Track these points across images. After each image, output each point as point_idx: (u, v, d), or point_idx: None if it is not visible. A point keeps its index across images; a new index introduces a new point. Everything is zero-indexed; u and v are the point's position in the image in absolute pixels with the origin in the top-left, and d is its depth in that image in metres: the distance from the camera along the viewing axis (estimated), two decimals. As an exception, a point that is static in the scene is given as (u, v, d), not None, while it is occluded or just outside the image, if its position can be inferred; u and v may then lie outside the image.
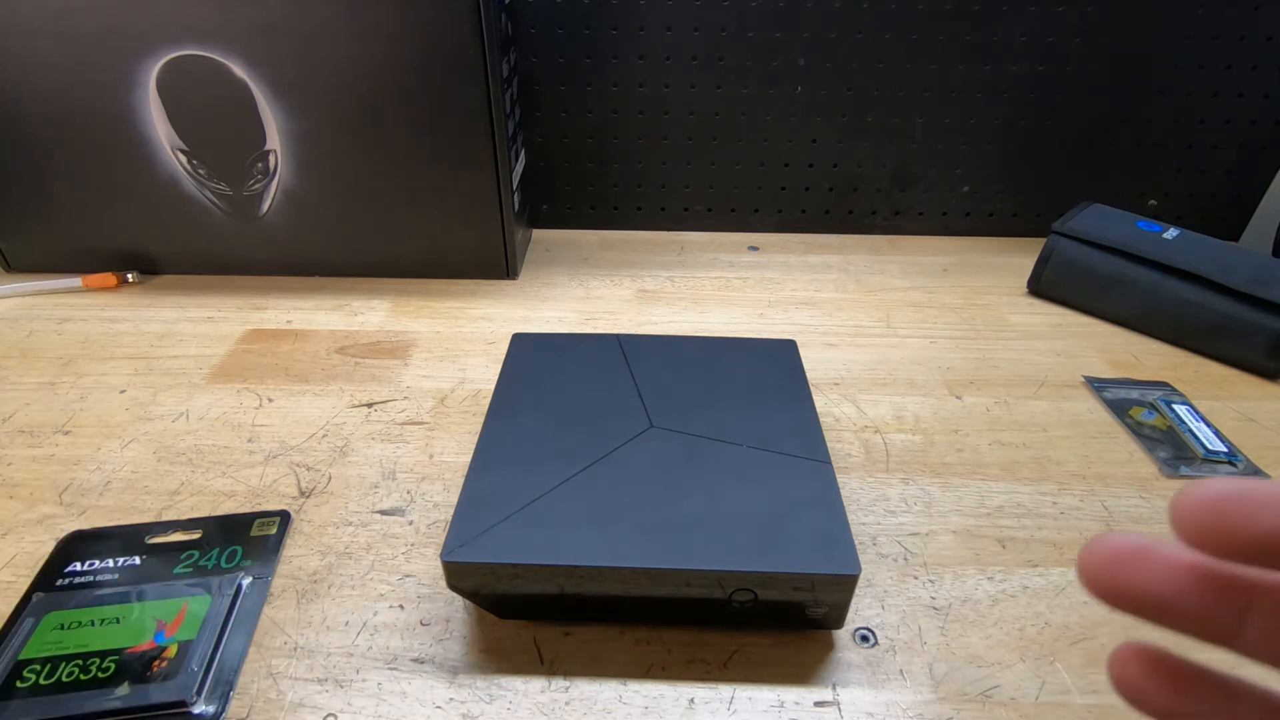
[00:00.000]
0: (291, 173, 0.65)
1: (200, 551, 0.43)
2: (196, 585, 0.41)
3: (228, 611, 0.39)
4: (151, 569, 0.42)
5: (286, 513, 0.46)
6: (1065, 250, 0.69)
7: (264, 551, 0.43)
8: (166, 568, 0.42)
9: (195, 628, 0.38)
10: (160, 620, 0.39)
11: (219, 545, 0.43)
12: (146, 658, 0.37)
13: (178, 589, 0.40)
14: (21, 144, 0.64)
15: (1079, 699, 0.36)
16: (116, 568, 0.42)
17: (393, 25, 0.58)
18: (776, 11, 0.71)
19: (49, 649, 0.37)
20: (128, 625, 0.38)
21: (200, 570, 0.42)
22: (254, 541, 0.44)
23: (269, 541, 0.44)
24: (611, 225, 0.84)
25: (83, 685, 0.36)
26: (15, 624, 0.38)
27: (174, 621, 0.39)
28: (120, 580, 0.41)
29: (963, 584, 0.42)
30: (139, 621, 0.38)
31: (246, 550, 0.43)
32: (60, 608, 0.39)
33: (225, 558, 0.43)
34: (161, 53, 0.60)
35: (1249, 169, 0.79)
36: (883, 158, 0.79)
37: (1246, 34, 0.71)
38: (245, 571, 0.42)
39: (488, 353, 0.62)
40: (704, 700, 0.36)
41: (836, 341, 0.64)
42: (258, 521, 0.45)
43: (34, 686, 0.35)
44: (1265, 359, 0.60)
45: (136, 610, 0.39)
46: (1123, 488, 0.49)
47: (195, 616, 0.39)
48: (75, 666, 0.36)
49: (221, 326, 0.64)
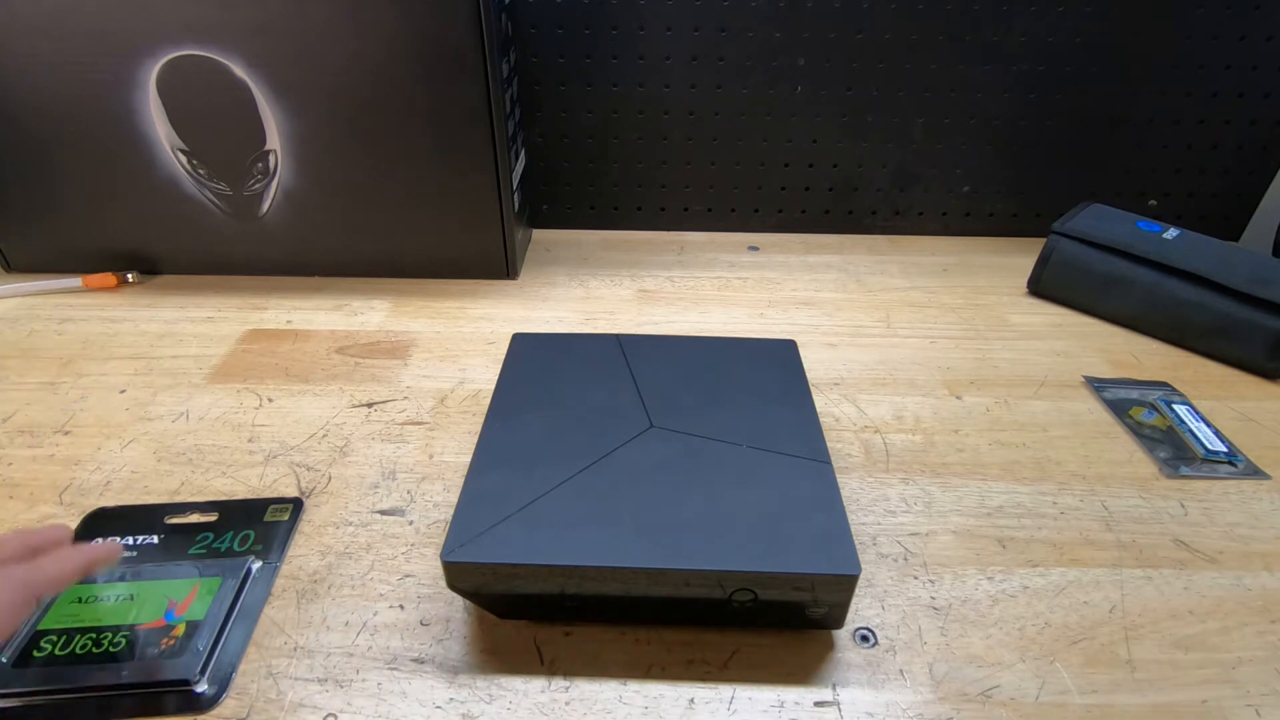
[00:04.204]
0: (291, 173, 0.65)
1: (215, 534, 0.44)
2: (211, 567, 0.41)
3: (235, 595, 0.40)
4: (168, 548, 0.43)
5: (300, 500, 0.46)
6: (1065, 250, 0.69)
7: (275, 537, 0.44)
8: (182, 548, 0.43)
9: (204, 609, 0.39)
10: (172, 599, 0.39)
11: (233, 529, 0.44)
12: (156, 635, 0.37)
13: (190, 569, 0.41)
14: (21, 144, 0.64)
15: (1079, 699, 0.36)
16: (135, 545, 0.43)
17: (393, 25, 0.58)
18: (776, 11, 0.71)
19: (66, 621, 0.38)
20: (141, 602, 0.39)
21: (214, 552, 0.42)
22: (267, 527, 0.44)
23: (280, 528, 0.44)
24: (611, 225, 0.84)
25: (95, 658, 0.36)
26: None
27: (185, 601, 0.39)
28: (138, 558, 0.42)
29: (963, 584, 0.42)
30: (152, 599, 0.39)
31: (259, 535, 0.44)
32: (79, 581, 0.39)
33: (238, 541, 0.43)
34: (161, 53, 0.59)
35: (1249, 169, 0.79)
36: (883, 158, 0.79)
37: (1246, 34, 0.71)
38: (256, 556, 0.42)
39: (488, 353, 0.61)
40: (704, 700, 0.36)
41: (836, 341, 0.64)
42: (271, 508, 0.46)
43: (49, 657, 0.36)
44: (1265, 359, 0.60)
45: (150, 588, 0.40)
46: (1123, 488, 0.49)
47: (205, 598, 0.39)
48: (89, 639, 0.37)
49: (221, 326, 0.64)
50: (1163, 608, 0.41)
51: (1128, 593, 0.42)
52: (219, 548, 0.43)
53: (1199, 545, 0.45)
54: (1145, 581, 0.43)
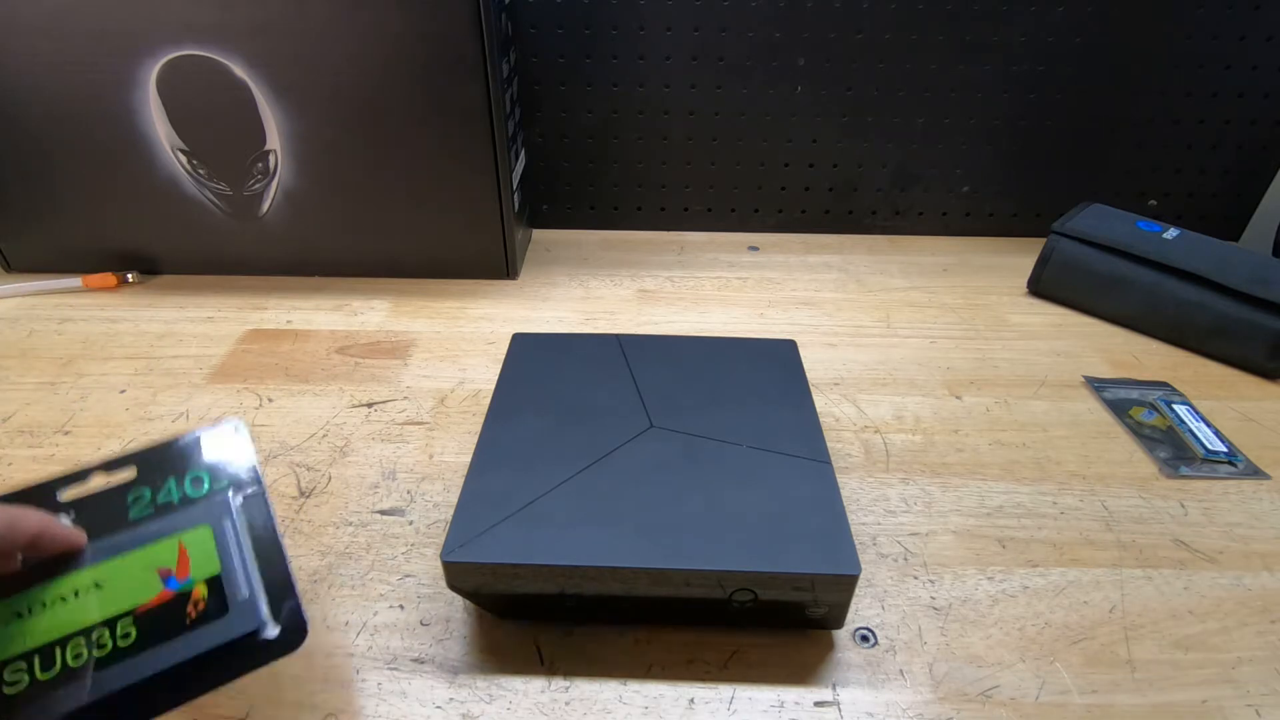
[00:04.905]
0: (291, 173, 0.65)
1: (152, 488, 0.36)
2: (177, 521, 0.35)
3: (237, 532, 0.35)
4: (99, 522, 0.34)
5: (237, 419, 0.39)
6: (1065, 250, 0.69)
7: (232, 465, 0.37)
8: (119, 516, 0.35)
9: (213, 559, 0.34)
10: (162, 568, 0.33)
11: (171, 474, 0.36)
12: (173, 608, 0.32)
13: (153, 531, 0.34)
14: (21, 144, 0.64)
15: (1079, 699, 0.36)
16: None
17: (393, 25, 0.58)
18: (776, 11, 0.71)
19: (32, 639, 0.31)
20: (115, 586, 0.33)
21: (165, 507, 0.35)
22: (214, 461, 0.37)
23: (230, 452, 0.37)
24: (611, 225, 0.84)
25: (108, 661, 0.31)
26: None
27: (179, 563, 0.33)
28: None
29: (963, 584, 0.42)
30: (126, 578, 0.33)
31: (214, 473, 0.37)
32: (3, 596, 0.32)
33: (190, 484, 0.36)
34: (161, 53, 0.60)
35: (1249, 169, 0.79)
36: (883, 158, 0.79)
37: (1246, 34, 0.71)
38: (223, 491, 0.36)
39: (488, 353, 0.61)
40: (704, 700, 0.36)
41: (836, 341, 0.64)
42: (204, 439, 0.38)
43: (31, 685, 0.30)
44: (1265, 359, 0.60)
45: (115, 568, 0.33)
46: (1123, 488, 0.49)
47: (203, 549, 0.34)
48: (81, 645, 0.31)
49: (221, 326, 0.64)
50: (1163, 608, 0.41)
51: (1128, 593, 0.42)
52: (170, 500, 0.35)
53: (1199, 545, 0.45)
54: (1145, 581, 0.43)
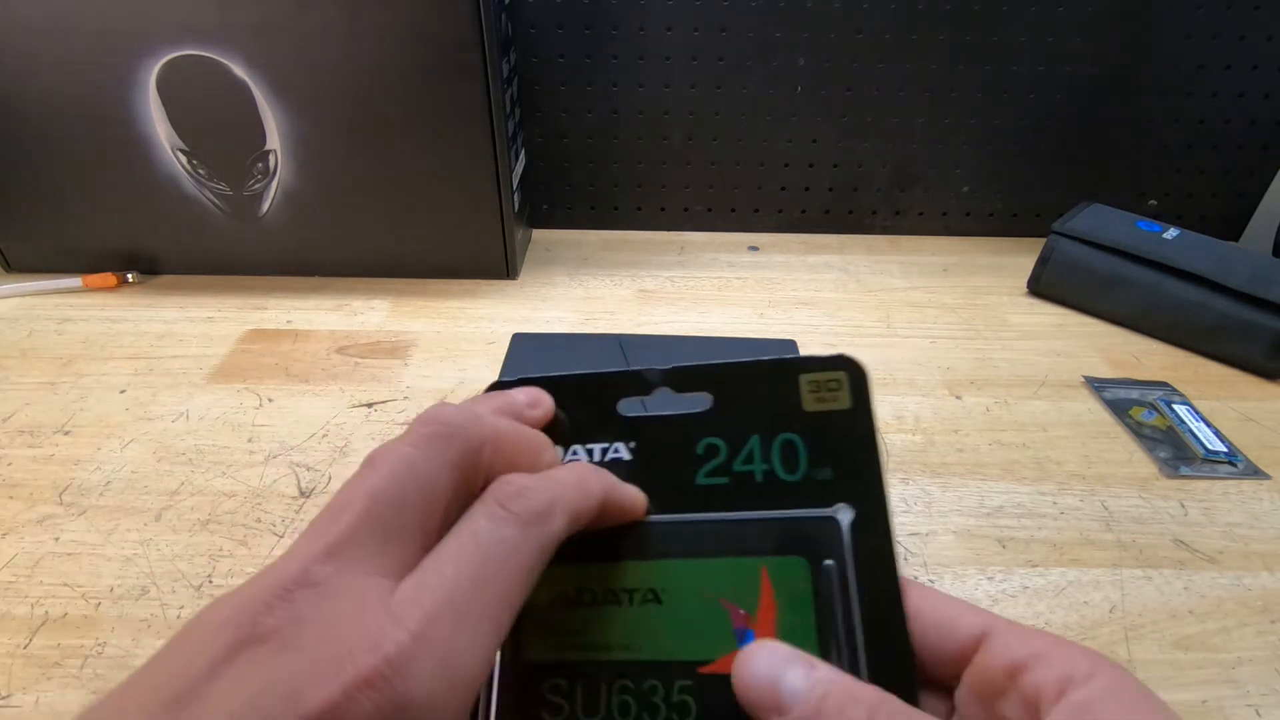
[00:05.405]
0: (291, 173, 0.65)
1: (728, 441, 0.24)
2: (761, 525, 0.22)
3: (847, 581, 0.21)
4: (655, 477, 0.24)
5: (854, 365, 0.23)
6: (1065, 250, 0.69)
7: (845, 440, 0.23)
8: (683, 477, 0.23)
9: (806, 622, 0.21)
10: (726, 601, 0.22)
11: (756, 427, 0.23)
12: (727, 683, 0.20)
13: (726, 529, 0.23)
14: (21, 144, 0.64)
15: (1079, 699, 0.36)
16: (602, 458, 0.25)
17: (393, 25, 0.58)
18: (776, 11, 0.71)
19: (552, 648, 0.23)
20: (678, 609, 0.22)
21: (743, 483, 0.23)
22: (812, 422, 0.23)
23: (838, 422, 0.23)
24: (611, 225, 0.84)
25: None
26: None
27: (762, 608, 0.21)
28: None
29: (963, 584, 0.42)
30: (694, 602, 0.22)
31: (815, 446, 0.23)
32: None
33: (781, 454, 0.23)
34: (161, 53, 0.59)
35: (1249, 169, 0.79)
36: (883, 158, 0.79)
37: (1246, 34, 0.71)
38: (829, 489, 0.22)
39: (488, 353, 0.61)
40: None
41: (836, 341, 0.64)
42: (803, 381, 0.23)
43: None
44: (1265, 359, 0.60)
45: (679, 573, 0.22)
46: (1123, 488, 0.49)
47: (793, 596, 0.21)
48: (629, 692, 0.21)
49: (221, 326, 0.64)
50: (1163, 608, 0.41)
51: (1128, 593, 0.42)
52: (747, 471, 0.23)
53: (1199, 545, 0.45)
54: (1145, 581, 0.43)
